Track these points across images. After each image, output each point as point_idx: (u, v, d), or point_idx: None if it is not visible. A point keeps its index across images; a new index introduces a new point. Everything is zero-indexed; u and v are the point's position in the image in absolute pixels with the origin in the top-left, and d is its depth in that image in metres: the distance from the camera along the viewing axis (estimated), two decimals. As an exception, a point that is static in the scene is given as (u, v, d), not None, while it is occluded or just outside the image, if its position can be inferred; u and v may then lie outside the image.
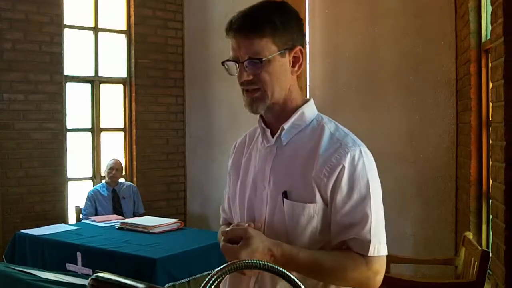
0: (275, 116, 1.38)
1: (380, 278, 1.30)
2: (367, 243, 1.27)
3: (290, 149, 1.36)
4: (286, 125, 1.36)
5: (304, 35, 1.38)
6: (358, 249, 1.28)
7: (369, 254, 1.27)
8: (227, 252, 1.26)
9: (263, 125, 1.41)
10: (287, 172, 1.34)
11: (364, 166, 1.31)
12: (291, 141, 1.37)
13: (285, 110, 1.37)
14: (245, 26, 1.29)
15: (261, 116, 1.42)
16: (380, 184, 1.35)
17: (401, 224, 4.33)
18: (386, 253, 1.31)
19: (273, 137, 1.39)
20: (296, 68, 1.36)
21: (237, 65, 1.32)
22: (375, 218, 1.29)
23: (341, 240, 1.30)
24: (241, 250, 1.22)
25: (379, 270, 1.29)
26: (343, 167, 1.28)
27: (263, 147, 1.41)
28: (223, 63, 1.35)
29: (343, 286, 1.32)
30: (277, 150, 1.38)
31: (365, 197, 1.28)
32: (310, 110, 1.40)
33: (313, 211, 1.30)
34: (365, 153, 1.34)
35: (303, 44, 1.36)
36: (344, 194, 1.28)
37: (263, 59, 1.28)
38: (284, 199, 1.31)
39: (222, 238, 1.30)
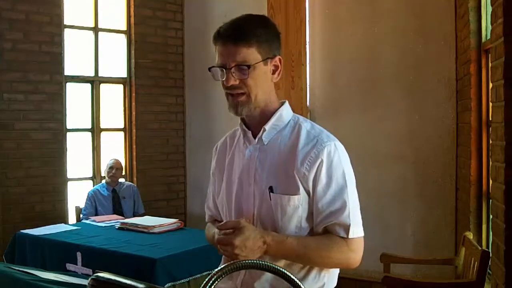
0: (256, 119, 1.52)
1: (359, 256, 1.47)
2: (346, 226, 1.44)
3: (272, 148, 1.51)
4: (267, 126, 1.51)
5: (281, 46, 1.52)
6: (339, 232, 1.44)
7: (349, 236, 1.43)
8: (222, 242, 1.39)
9: (244, 127, 1.55)
10: (270, 168, 1.48)
11: (339, 158, 1.46)
12: (271, 140, 1.52)
13: (264, 113, 1.51)
14: (234, 35, 1.42)
15: (242, 119, 1.56)
16: (353, 173, 1.50)
17: (401, 224, 4.33)
18: (362, 234, 1.47)
19: (254, 138, 1.53)
20: (275, 75, 1.51)
21: (224, 70, 1.44)
22: (352, 204, 1.45)
23: (324, 226, 1.45)
24: (236, 237, 1.36)
25: (358, 249, 1.46)
26: (322, 160, 1.44)
27: (245, 148, 1.55)
28: (209, 69, 1.48)
29: (327, 267, 1.49)
30: (259, 150, 1.52)
31: (342, 186, 1.45)
32: (286, 112, 1.55)
33: (298, 202, 1.45)
34: (339, 147, 1.49)
35: (280, 54, 1.52)
36: (324, 185, 1.44)
37: (250, 65, 1.42)
38: (271, 193, 1.46)
39: (217, 231, 1.44)
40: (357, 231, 1.45)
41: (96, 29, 5.37)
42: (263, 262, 0.91)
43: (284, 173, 1.46)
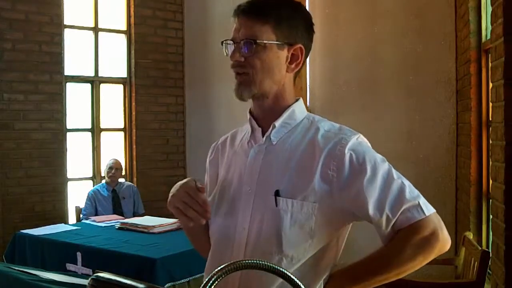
0: (264, 113, 1.34)
1: (444, 232, 1.23)
2: (416, 204, 1.21)
3: (281, 149, 1.31)
4: (277, 123, 1.32)
5: (311, 39, 1.34)
6: (414, 217, 1.21)
7: (426, 214, 1.21)
8: None
9: (253, 123, 1.36)
10: (279, 172, 1.28)
11: (368, 145, 1.29)
12: (281, 140, 1.32)
13: (275, 108, 1.33)
14: (251, 9, 1.28)
15: (251, 113, 1.38)
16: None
17: (401, 224, 4.33)
18: (434, 210, 1.24)
19: (262, 136, 1.34)
20: (293, 66, 1.31)
21: (234, 45, 1.30)
22: (406, 180, 1.25)
23: (393, 224, 1.22)
24: None
25: (440, 224, 1.23)
26: (351, 154, 1.24)
27: (250, 148, 1.35)
28: (222, 42, 1.34)
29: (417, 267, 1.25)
30: (266, 150, 1.32)
31: (387, 167, 1.25)
32: (300, 109, 1.35)
33: (312, 210, 1.24)
34: (363, 138, 1.31)
35: (307, 46, 1.33)
36: (369, 177, 1.22)
37: (258, 41, 1.26)
38: (278, 197, 1.25)
39: None
40: (428, 205, 1.23)
41: (96, 29, 5.37)
42: (263, 262, 0.90)
43: (297, 177, 1.26)
